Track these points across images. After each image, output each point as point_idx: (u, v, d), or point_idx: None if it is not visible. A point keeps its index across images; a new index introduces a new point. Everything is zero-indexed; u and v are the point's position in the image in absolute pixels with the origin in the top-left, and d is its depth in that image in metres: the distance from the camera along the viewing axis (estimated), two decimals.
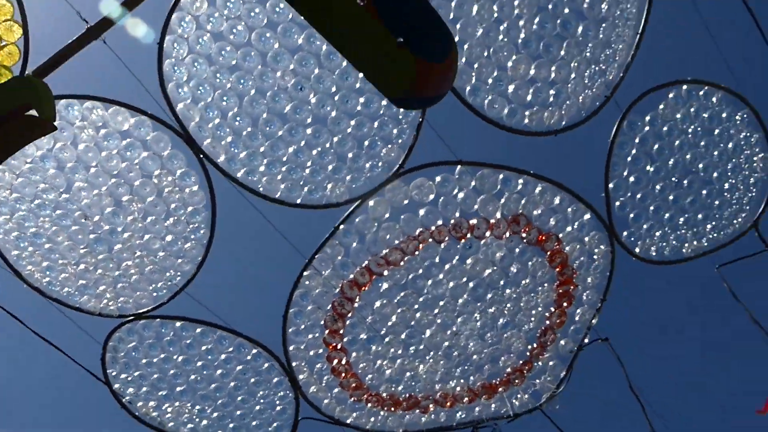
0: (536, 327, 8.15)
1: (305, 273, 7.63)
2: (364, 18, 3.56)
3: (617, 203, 7.66)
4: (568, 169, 7.80)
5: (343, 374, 8.04)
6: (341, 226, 7.43)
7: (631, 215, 7.74)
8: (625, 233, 7.80)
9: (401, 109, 4.62)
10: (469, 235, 7.46)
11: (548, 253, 7.67)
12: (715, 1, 7.96)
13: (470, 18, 6.65)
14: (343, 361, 7.97)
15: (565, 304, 8.01)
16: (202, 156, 6.98)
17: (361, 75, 4.14)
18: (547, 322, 8.12)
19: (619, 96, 7.23)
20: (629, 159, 7.52)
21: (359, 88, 6.74)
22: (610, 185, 7.56)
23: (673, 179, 7.65)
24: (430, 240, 7.44)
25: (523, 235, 7.53)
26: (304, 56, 6.61)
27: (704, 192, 7.80)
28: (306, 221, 7.49)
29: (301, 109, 6.84)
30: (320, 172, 7.10)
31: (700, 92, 7.54)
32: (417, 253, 7.49)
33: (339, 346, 7.87)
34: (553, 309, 8.07)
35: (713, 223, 7.97)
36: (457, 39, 6.67)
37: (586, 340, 8.38)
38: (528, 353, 8.27)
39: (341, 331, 7.81)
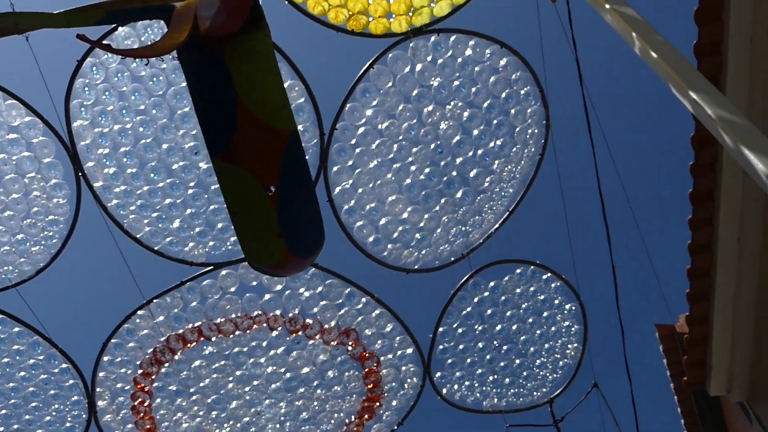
0: (333, 429, 8.62)
1: (139, 312, 7.83)
2: (264, 203, 3.97)
3: (441, 347, 8.31)
4: (409, 304, 8.39)
5: (142, 414, 8.22)
6: (188, 283, 7.71)
7: (449, 361, 8.41)
8: (438, 374, 8.45)
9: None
10: (301, 332, 7.90)
11: (366, 370, 8.20)
12: (581, 201, 8.85)
13: (370, 149, 7.19)
14: (146, 403, 8.16)
15: (366, 417, 8.54)
16: (80, 174, 7.12)
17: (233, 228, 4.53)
18: (345, 428, 8.62)
19: (473, 257, 7.93)
20: (463, 313, 8.21)
21: None
22: (440, 329, 8.21)
23: (495, 342, 8.38)
24: (264, 324, 7.83)
25: (349, 347, 8.04)
26: None
27: (517, 361, 8.57)
28: (158, 268, 7.71)
29: (189, 171, 7.14)
30: (187, 230, 7.38)
31: (543, 276, 8.35)
32: (249, 331, 7.85)
33: (147, 389, 8.07)
34: (353, 418, 8.58)
35: (516, 389, 8.74)
36: (351, 162, 7.21)
37: None
38: None
39: (153, 376, 8.02)
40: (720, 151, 7.23)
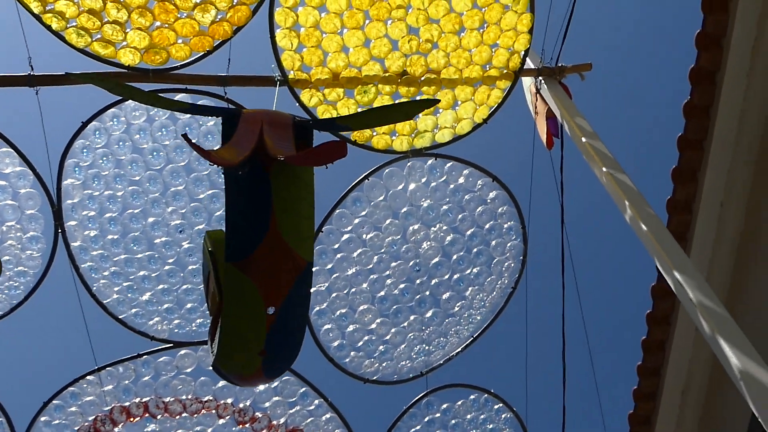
0: None
1: (89, 377, 7.67)
2: (260, 320, 4.05)
3: None
4: (361, 413, 8.38)
5: None
6: (145, 356, 7.62)
7: None
8: None
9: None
10: (248, 425, 7.81)
11: None
12: (543, 337, 9.04)
13: (351, 256, 7.33)
14: None
15: None
16: (60, 231, 7.08)
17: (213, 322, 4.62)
18: None
19: (431, 377, 8.01)
20: (412, 430, 8.21)
21: None
22: None
23: None
24: (213, 411, 7.73)
25: None
26: (200, 209, 7.04)
27: None
28: (118, 337, 7.60)
29: (170, 247, 7.17)
30: (155, 304, 7.35)
31: (495, 406, 8.43)
32: (196, 415, 7.73)
33: None
34: None
35: None
36: (330, 266, 7.32)
37: None
38: None
39: None
40: (677, 305, 7.56)
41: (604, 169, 5.63)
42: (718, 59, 6.53)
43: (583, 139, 6.04)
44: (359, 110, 6.91)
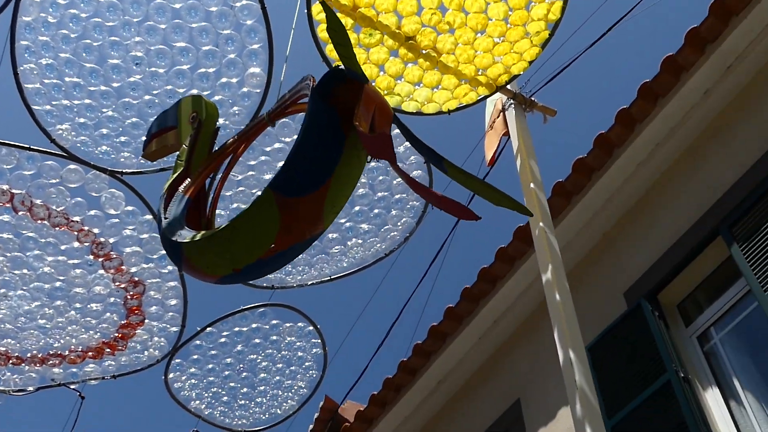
0: (55, 347, 8.50)
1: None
2: (260, 247, 4.25)
3: (197, 342, 8.74)
4: (203, 298, 8.75)
5: None
6: (34, 152, 7.41)
7: (194, 357, 8.84)
8: (178, 360, 8.83)
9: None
10: (101, 259, 7.87)
11: (126, 321, 8.32)
12: (389, 306, 9.81)
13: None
14: None
15: (91, 354, 8.56)
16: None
17: None
18: (67, 352, 8.54)
19: (278, 293, 8.53)
20: (236, 329, 8.76)
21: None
22: (208, 329, 8.68)
23: (240, 366, 8.95)
24: (75, 233, 7.68)
25: (128, 296, 8.14)
26: (166, 53, 6.95)
27: (243, 390, 9.18)
28: (19, 124, 7.31)
29: (118, 72, 7.01)
30: (74, 113, 7.13)
31: (314, 340, 9.16)
32: (56, 229, 7.65)
33: None
34: (80, 349, 8.52)
35: (225, 409, 9.30)
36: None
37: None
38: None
39: None
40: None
41: (540, 224, 6.31)
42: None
43: (531, 185, 6.69)
44: (356, 48, 7.11)
